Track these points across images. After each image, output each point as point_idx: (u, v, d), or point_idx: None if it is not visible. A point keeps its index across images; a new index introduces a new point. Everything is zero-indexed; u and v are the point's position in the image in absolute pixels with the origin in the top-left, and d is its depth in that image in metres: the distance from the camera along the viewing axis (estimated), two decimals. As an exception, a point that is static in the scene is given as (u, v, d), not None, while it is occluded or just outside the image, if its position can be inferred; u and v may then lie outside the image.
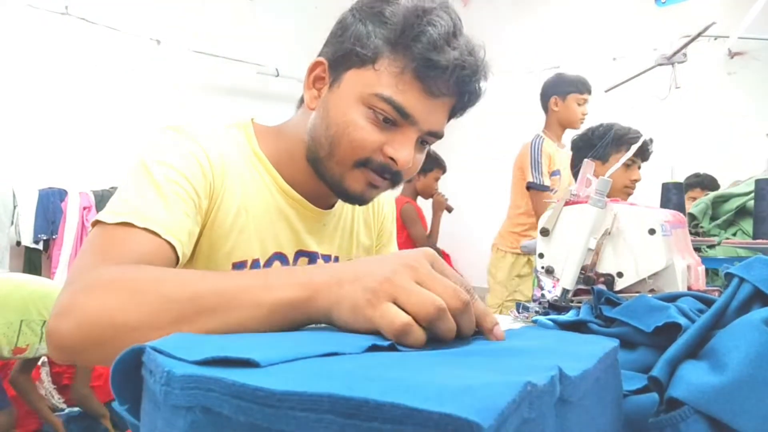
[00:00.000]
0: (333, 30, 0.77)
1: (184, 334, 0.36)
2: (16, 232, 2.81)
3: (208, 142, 0.74)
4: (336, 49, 0.74)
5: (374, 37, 0.70)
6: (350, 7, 0.76)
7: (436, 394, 0.23)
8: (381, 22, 0.70)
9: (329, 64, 0.75)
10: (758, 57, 3.76)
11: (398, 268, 0.43)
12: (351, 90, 0.71)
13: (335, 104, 0.72)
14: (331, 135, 0.72)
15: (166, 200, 0.66)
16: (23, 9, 2.91)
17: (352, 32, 0.72)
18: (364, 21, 0.71)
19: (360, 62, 0.71)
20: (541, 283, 0.97)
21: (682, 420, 0.38)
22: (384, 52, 0.70)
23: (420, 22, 0.67)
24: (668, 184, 1.57)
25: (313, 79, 0.77)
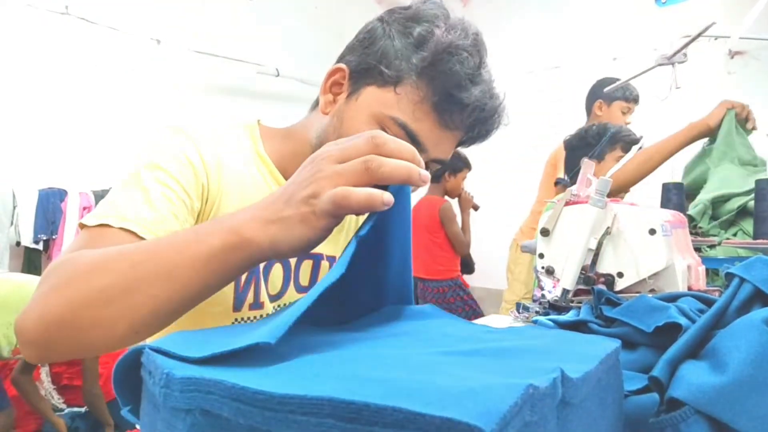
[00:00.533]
0: (359, 37, 0.75)
1: (185, 333, 0.36)
2: (15, 232, 2.81)
3: (205, 143, 0.73)
4: (360, 61, 0.73)
5: (401, 60, 0.70)
6: (381, 16, 0.75)
7: (437, 398, 0.22)
8: (412, 46, 0.70)
9: (350, 73, 0.74)
10: (758, 57, 3.75)
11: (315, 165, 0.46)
12: (368, 106, 0.71)
13: (350, 117, 0.72)
14: None
15: (151, 202, 0.65)
16: (23, 9, 2.91)
17: (380, 48, 0.71)
18: (394, 39, 0.71)
19: (382, 81, 0.71)
20: (541, 283, 0.97)
21: (682, 420, 0.38)
22: (408, 78, 0.69)
23: (450, 59, 0.67)
24: (668, 184, 1.57)
25: (331, 84, 0.76)
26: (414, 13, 0.72)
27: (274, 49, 4.16)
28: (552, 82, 4.23)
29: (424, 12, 0.71)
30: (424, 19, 0.71)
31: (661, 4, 2.13)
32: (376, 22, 0.75)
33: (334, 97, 0.75)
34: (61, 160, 3.11)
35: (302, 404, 0.23)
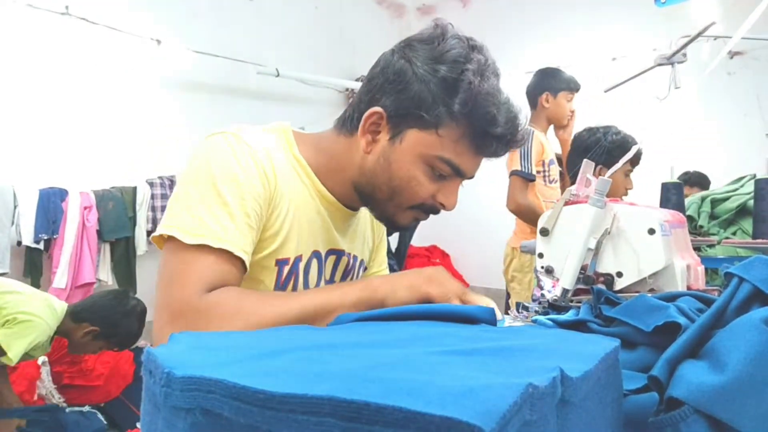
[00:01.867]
0: (389, 78, 0.78)
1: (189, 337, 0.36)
2: (16, 231, 2.79)
3: (264, 150, 0.79)
4: (397, 106, 0.77)
5: (440, 106, 0.74)
6: (404, 54, 0.77)
7: (437, 397, 0.22)
8: (447, 92, 0.74)
9: (388, 117, 0.78)
10: (758, 57, 3.75)
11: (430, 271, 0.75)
12: (413, 149, 0.77)
13: (397, 159, 0.78)
14: (394, 186, 0.80)
15: (234, 218, 0.72)
16: (23, 9, 2.90)
17: (416, 93, 0.75)
18: (428, 84, 0.75)
19: (423, 125, 0.76)
20: (540, 282, 0.97)
21: (682, 419, 0.38)
22: (447, 120, 0.75)
23: (485, 103, 0.74)
24: (668, 184, 1.57)
25: (369, 125, 0.79)
26: (440, 54, 0.75)
27: (274, 49, 4.16)
28: (552, 82, 4.23)
29: (450, 54, 0.75)
30: (452, 61, 0.74)
31: (661, 4, 2.13)
32: (402, 62, 0.77)
33: (373, 137, 0.80)
34: (62, 160, 3.11)
35: (303, 403, 0.23)
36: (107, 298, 2.19)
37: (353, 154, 0.82)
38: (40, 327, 1.96)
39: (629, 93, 2.83)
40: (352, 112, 0.83)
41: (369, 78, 0.81)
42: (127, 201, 3.19)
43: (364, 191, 0.83)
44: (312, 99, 4.46)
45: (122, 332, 2.17)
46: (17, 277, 2.86)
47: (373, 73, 0.81)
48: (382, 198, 0.82)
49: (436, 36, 0.77)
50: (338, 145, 0.85)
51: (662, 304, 0.56)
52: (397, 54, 0.78)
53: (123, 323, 2.15)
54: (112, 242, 3.14)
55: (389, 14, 5.36)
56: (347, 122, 0.83)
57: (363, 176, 0.82)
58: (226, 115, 3.92)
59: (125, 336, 2.20)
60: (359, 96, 0.82)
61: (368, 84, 0.81)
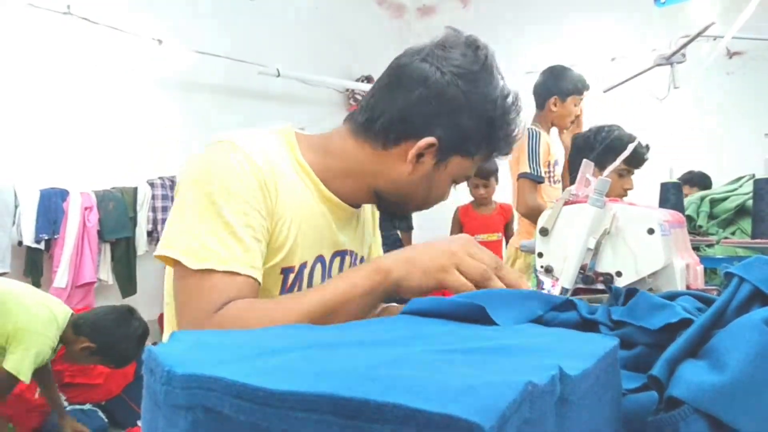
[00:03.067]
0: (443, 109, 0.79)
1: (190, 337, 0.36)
2: (17, 231, 2.80)
3: (264, 157, 0.78)
4: (449, 138, 0.80)
5: (483, 140, 0.83)
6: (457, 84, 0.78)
7: (437, 395, 0.23)
8: (492, 130, 0.82)
9: (438, 146, 0.81)
10: (756, 57, 3.76)
11: (456, 246, 0.71)
12: (453, 172, 0.85)
13: (440, 181, 0.85)
14: (430, 200, 0.89)
15: (237, 236, 0.72)
16: (25, 8, 2.91)
17: (466, 126, 0.80)
18: (479, 120, 0.80)
19: (466, 153, 0.83)
20: (540, 282, 0.97)
21: (681, 419, 0.38)
22: (485, 149, 0.85)
23: (512, 133, 0.84)
24: (667, 183, 1.57)
25: (419, 150, 0.81)
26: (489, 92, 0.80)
27: (275, 49, 4.16)
28: (552, 82, 4.23)
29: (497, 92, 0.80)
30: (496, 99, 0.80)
31: (660, 4, 2.14)
32: (456, 92, 0.78)
33: (419, 159, 0.82)
34: (63, 160, 3.11)
35: (303, 401, 0.23)
36: (110, 317, 2.15)
37: (387, 169, 0.83)
38: (40, 342, 1.95)
39: (629, 93, 2.83)
40: (388, 125, 0.81)
41: (419, 99, 0.79)
42: (128, 201, 3.19)
43: (391, 199, 0.87)
44: (312, 99, 4.46)
45: (118, 354, 2.13)
46: (18, 276, 2.86)
47: (422, 94, 0.78)
48: (412, 207, 0.90)
49: (481, 66, 0.80)
50: (364, 155, 0.84)
51: (665, 302, 0.56)
52: (448, 78, 0.78)
53: (121, 345, 2.11)
54: (113, 242, 3.15)
55: (389, 14, 5.36)
56: (381, 135, 0.81)
57: (397, 189, 0.85)
58: (227, 115, 3.92)
59: (121, 358, 2.16)
60: (405, 115, 0.80)
61: (419, 107, 0.79)
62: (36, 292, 2.17)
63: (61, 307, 2.12)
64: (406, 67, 0.80)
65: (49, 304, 2.09)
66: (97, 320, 2.13)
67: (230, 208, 0.72)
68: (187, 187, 0.75)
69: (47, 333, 1.98)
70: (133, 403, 2.91)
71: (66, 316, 2.09)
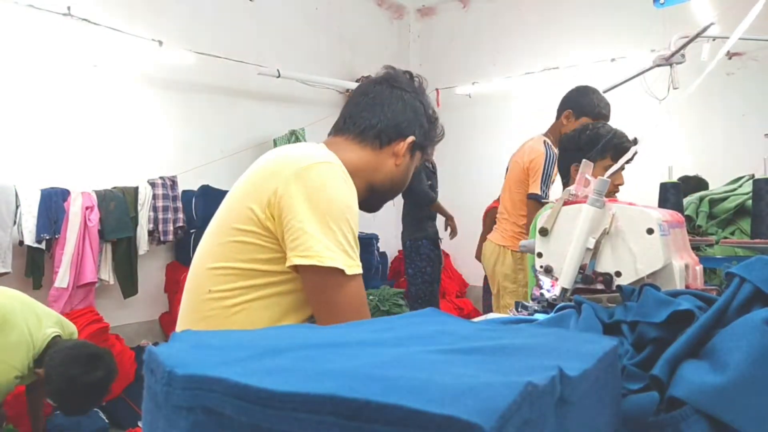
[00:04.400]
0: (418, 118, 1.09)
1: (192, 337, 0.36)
2: (18, 231, 2.79)
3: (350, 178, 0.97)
4: (421, 138, 1.09)
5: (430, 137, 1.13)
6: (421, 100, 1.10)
7: (437, 396, 0.23)
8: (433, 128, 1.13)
9: (414, 144, 1.08)
10: (756, 57, 3.76)
11: None
12: (416, 163, 1.13)
13: (409, 169, 1.12)
14: (402, 188, 1.14)
15: (357, 245, 0.92)
16: (25, 9, 2.91)
17: (426, 127, 1.10)
18: (429, 121, 1.11)
19: (422, 148, 1.12)
20: (539, 282, 0.97)
21: (682, 419, 0.38)
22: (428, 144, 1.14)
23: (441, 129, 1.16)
24: (666, 184, 1.57)
25: (404, 148, 1.07)
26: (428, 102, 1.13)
27: (275, 50, 4.16)
28: (550, 82, 4.23)
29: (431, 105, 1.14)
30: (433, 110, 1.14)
31: (660, 5, 2.13)
32: (419, 106, 1.10)
33: (402, 156, 1.08)
34: (64, 160, 3.11)
35: (304, 402, 0.24)
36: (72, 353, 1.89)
37: (381, 165, 1.07)
38: None
39: (628, 93, 2.83)
40: (381, 129, 1.06)
41: (402, 109, 1.07)
42: (129, 201, 3.19)
43: (383, 191, 1.10)
44: (312, 99, 4.46)
45: (64, 396, 1.90)
46: (19, 276, 2.86)
47: (402, 107, 1.08)
48: (391, 195, 1.13)
49: (419, 86, 1.13)
50: (364, 155, 1.06)
51: (670, 298, 0.56)
52: (411, 95, 1.09)
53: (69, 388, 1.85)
54: (114, 242, 3.15)
55: (389, 15, 5.36)
56: (377, 137, 1.06)
57: (389, 182, 1.09)
58: (227, 115, 3.92)
59: (66, 402, 1.93)
60: (395, 122, 1.06)
61: (403, 115, 1.07)
62: (26, 306, 1.98)
63: (43, 329, 1.93)
64: (384, 90, 1.08)
65: (29, 325, 1.91)
66: (58, 352, 1.90)
67: (354, 223, 0.91)
68: (322, 204, 0.88)
69: (10, 361, 1.84)
70: (134, 404, 2.91)
71: (46, 339, 1.92)
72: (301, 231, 0.86)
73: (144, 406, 0.32)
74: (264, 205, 0.89)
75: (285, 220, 0.88)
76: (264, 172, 0.94)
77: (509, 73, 4.59)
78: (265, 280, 0.92)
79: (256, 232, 0.90)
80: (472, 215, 3.87)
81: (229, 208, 0.96)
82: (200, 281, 0.96)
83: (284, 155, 0.97)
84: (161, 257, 3.55)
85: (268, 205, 0.89)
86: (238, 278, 0.92)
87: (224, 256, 0.92)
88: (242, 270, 0.91)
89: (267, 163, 0.97)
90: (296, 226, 0.86)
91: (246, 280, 0.91)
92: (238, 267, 0.91)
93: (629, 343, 0.55)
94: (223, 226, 0.95)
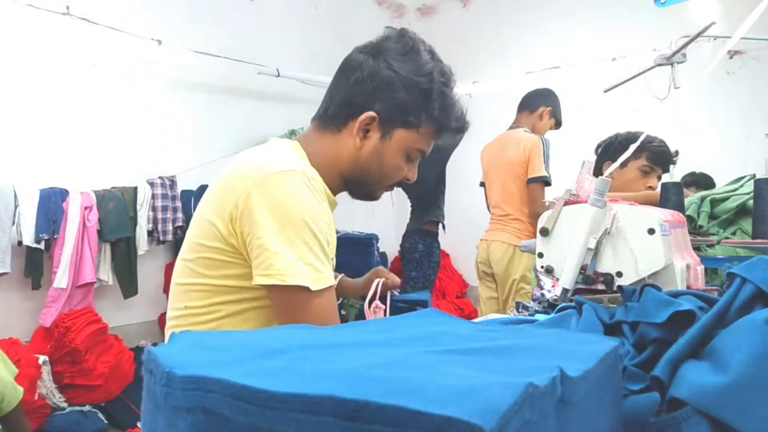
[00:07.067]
0: (379, 86, 0.93)
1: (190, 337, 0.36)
2: (17, 231, 2.79)
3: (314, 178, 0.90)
4: (387, 110, 0.94)
5: (421, 110, 0.94)
6: (388, 64, 0.93)
7: (438, 396, 0.22)
8: (427, 99, 0.94)
9: (380, 120, 0.94)
10: (757, 57, 3.75)
11: None
12: (399, 144, 0.96)
13: (388, 154, 0.96)
14: (385, 174, 0.98)
15: (321, 259, 0.85)
16: (24, 9, 2.91)
17: (402, 99, 0.93)
18: (412, 92, 0.93)
19: (408, 126, 0.95)
20: (540, 282, 0.97)
21: (683, 420, 0.38)
22: (425, 122, 0.95)
23: (452, 107, 0.97)
24: (667, 183, 1.56)
25: (363, 125, 0.95)
26: (418, 68, 0.93)
27: (275, 49, 4.16)
28: (551, 82, 4.23)
29: (426, 68, 0.94)
30: (428, 74, 0.94)
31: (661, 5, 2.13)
32: (388, 72, 0.93)
33: (364, 135, 0.95)
34: (62, 160, 3.11)
35: (303, 402, 0.23)
36: None
37: (342, 149, 0.97)
38: None
39: (629, 93, 2.83)
40: (337, 110, 0.96)
41: (356, 82, 0.94)
42: (128, 201, 3.19)
43: (354, 178, 0.99)
44: (312, 99, 4.44)
45: None
46: (18, 276, 2.87)
47: (358, 78, 0.94)
48: (371, 182, 1.00)
49: (410, 49, 0.94)
50: (326, 143, 0.97)
51: (671, 299, 0.56)
52: (381, 63, 0.93)
53: None
54: (113, 242, 3.15)
55: (389, 14, 5.36)
56: (333, 120, 0.96)
57: (357, 167, 0.97)
58: (227, 115, 3.92)
59: None
60: (346, 97, 0.95)
61: (357, 87, 0.94)
62: None
63: None
64: (347, 60, 0.98)
65: None
66: None
67: (322, 233, 0.85)
68: (282, 215, 0.83)
69: None
70: (133, 405, 2.91)
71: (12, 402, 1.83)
72: (262, 248, 0.82)
73: (143, 406, 0.32)
74: (226, 221, 0.85)
75: (247, 238, 0.84)
76: (224, 185, 0.90)
77: (509, 73, 4.59)
78: (239, 296, 0.89)
79: (222, 249, 0.87)
80: (472, 215, 3.87)
81: (195, 222, 0.93)
82: (176, 295, 0.95)
83: (245, 165, 0.90)
84: (160, 257, 3.55)
85: (231, 220, 0.85)
86: (211, 294, 0.89)
87: (195, 272, 0.90)
88: (215, 286, 0.89)
89: (229, 173, 0.91)
90: (257, 243, 0.82)
91: (220, 296, 0.89)
92: (211, 283, 0.89)
93: (630, 344, 0.55)
94: (190, 241, 0.92)
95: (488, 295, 2.80)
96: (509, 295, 2.66)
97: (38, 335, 2.93)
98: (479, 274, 2.84)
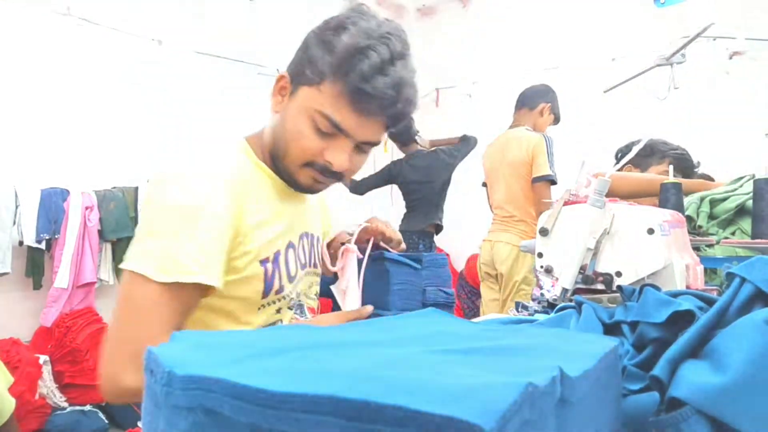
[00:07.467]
0: (299, 46, 0.88)
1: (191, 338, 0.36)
2: (18, 231, 2.80)
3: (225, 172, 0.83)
4: (296, 66, 0.87)
5: (321, 63, 0.82)
6: (314, 28, 0.87)
7: (437, 396, 0.23)
8: (328, 50, 0.81)
9: (290, 77, 0.87)
10: (756, 57, 3.75)
11: None
12: (301, 104, 0.84)
13: (290, 114, 0.85)
14: (286, 140, 0.86)
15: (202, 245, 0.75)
16: (25, 9, 2.91)
17: (310, 54, 0.84)
18: (319, 46, 0.83)
19: (310, 81, 0.83)
20: (540, 282, 0.97)
21: (683, 420, 0.38)
22: (327, 77, 0.81)
23: (355, 57, 0.78)
24: (667, 184, 1.56)
25: (279, 89, 0.89)
26: (336, 23, 0.83)
27: (275, 50, 4.16)
28: (551, 82, 4.23)
29: (341, 20, 0.83)
30: (336, 25, 0.82)
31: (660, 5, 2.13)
32: (310, 33, 0.87)
33: (282, 98, 0.88)
34: (63, 160, 3.11)
35: (303, 402, 0.23)
36: None
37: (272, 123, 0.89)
38: None
39: (629, 93, 2.83)
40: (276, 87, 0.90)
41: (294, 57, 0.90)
42: (129, 201, 3.19)
43: (273, 154, 0.89)
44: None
45: None
46: (19, 276, 2.87)
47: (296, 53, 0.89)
48: (281, 156, 0.87)
49: (354, 16, 0.83)
50: (270, 124, 0.91)
51: (670, 299, 0.56)
52: (312, 32, 0.88)
53: None
54: (114, 242, 3.15)
55: (389, 15, 5.36)
56: None
57: (273, 138, 0.89)
58: (227, 115, 3.92)
59: None
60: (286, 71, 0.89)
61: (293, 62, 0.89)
62: None
63: None
64: None
65: None
66: None
67: (202, 224, 0.76)
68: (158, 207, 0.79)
69: None
70: (134, 404, 2.91)
71: None
72: None
73: (143, 406, 0.32)
74: None
75: None
76: None
77: (509, 73, 4.59)
78: None
79: None
80: (472, 215, 3.87)
81: None
82: None
83: None
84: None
85: None
86: None
87: None
88: None
89: None
90: None
91: None
92: None
93: (630, 344, 0.55)
94: None
95: (491, 296, 2.76)
96: (509, 295, 2.64)
97: (39, 335, 2.93)
98: (482, 275, 2.81)
